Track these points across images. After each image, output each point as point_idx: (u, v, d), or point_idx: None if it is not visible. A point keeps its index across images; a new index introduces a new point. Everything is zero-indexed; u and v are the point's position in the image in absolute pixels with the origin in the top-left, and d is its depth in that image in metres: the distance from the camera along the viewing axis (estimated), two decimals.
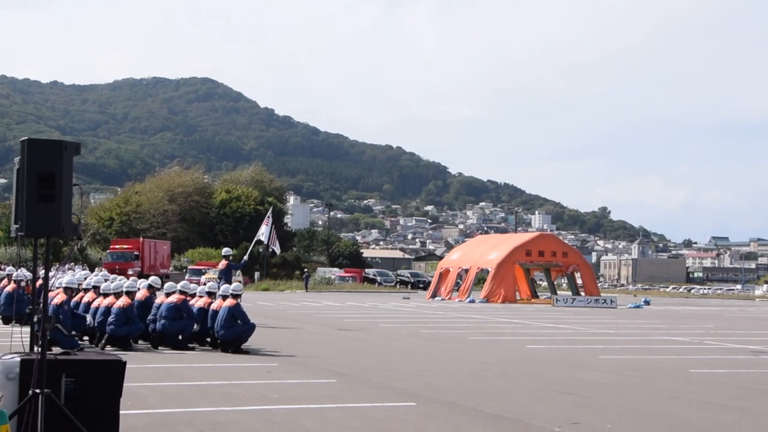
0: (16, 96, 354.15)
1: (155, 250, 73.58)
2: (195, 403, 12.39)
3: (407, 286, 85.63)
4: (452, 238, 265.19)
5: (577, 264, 61.06)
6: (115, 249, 70.01)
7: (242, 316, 19.63)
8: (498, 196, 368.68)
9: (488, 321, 34.96)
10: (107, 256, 69.55)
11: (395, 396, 13.73)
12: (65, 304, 18.82)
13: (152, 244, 73.42)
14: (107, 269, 52.93)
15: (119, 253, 68.47)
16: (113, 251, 69.43)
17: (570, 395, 14.30)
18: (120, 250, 68.98)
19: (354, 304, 47.68)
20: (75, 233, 8.73)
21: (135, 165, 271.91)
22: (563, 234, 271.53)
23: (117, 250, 69.51)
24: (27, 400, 8.38)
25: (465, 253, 64.61)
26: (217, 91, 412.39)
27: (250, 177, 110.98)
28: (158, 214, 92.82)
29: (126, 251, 68.62)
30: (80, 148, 8.86)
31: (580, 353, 21.86)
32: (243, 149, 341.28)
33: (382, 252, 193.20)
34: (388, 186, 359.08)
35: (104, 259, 69.31)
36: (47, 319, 8.66)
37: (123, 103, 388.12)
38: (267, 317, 31.56)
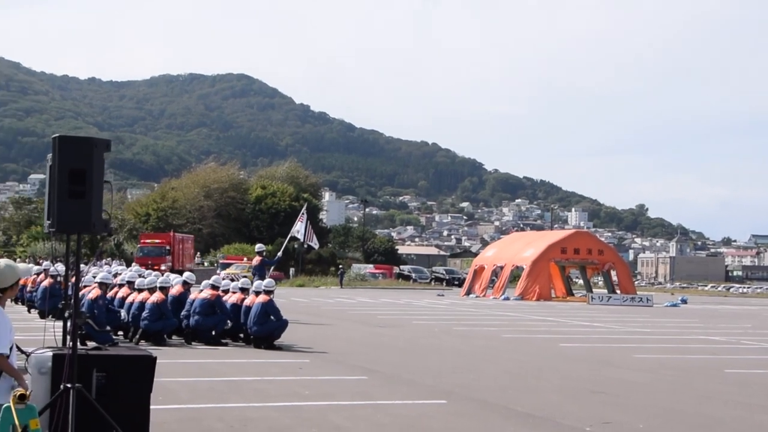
0: (55, 92, 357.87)
1: (183, 244, 72.95)
2: (226, 399, 12.45)
3: (442, 283, 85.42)
4: (488, 235, 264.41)
5: (612, 262, 60.63)
6: (146, 243, 68.37)
7: (275, 312, 19.69)
8: (534, 193, 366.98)
9: (522, 319, 34.81)
10: (138, 251, 67.87)
11: (426, 393, 13.71)
12: (100, 299, 18.96)
13: (181, 239, 72.44)
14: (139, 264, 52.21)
15: (151, 247, 67.07)
16: (144, 246, 67.92)
17: (602, 394, 14.20)
18: (152, 245, 67.47)
19: (388, 300, 47.69)
20: (105, 229, 8.78)
21: (171, 161, 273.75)
22: (600, 231, 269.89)
23: (148, 244, 67.92)
24: (58, 395, 8.43)
25: (500, 250, 64.37)
26: (253, 87, 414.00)
27: (286, 173, 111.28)
28: (194, 209, 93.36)
29: (158, 246, 67.16)
30: (110, 145, 8.90)
31: (614, 352, 21.70)
32: (279, 145, 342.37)
33: (418, 249, 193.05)
34: (423, 182, 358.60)
35: (135, 254, 67.47)
36: (78, 314, 8.70)
37: (160, 99, 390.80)
38: (301, 313, 31.62)
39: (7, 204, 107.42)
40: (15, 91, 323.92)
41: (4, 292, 7.31)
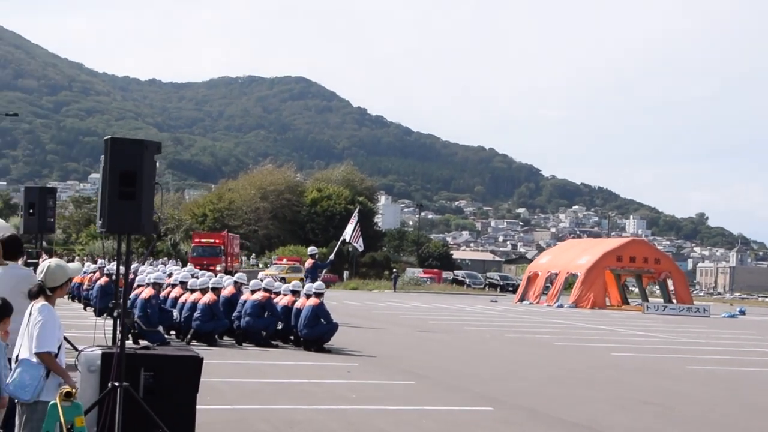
0: (116, 93, 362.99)
1: (233, 244, 71.87)
2: (273, 401, 12.52)
3: (496, 289, 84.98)
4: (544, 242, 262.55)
5: (669, 271, 59.86)
6: (200, 243, 66.07)
7: (325, 315, 19.75)
8: (591, 200, 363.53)
9: (575, 327, 34.51)
10: (192, 250, 65.75)
11: (473, 400, 13.66)
12: (153, 298, 19.18)
13: (231, 239, 71.11)
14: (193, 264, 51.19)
15: (205, 247, 64.99)
16: (198, 245, 65.68)
17: (653, 405, 14.03)
18: (206, 245, 65.41)
19: (441, 305, 47.58)
20: (154, 231, 8.91)
21: (229, 162, 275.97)
22: (658, 240, 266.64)
23: (203, 244, 65.72)
24: (106, 393, 8.55)
25: (554, 257, 63.91)
26: (311, 90, 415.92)
27: (342, 176, 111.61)
28: (250, 211, 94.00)
29: (213, 246, 65.16)
30: (161, 147, 9.02)
31: (668, 362, 21.44)
32: (335, 148, 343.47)
33: (473, 254, 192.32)
34: (479, 187, 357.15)
35: (189, 254, 65.75)
36: (126, 313, 8.82)
37: (219, 101, 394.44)
38: (352, 317, 31.68)
39: (68, 203, 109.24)
40: (77, 91, 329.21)
41: (54, 291, 7.44)
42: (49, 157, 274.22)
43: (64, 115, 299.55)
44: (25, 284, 8.18)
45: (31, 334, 7.02)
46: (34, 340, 6.98)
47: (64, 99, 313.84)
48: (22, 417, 6.99)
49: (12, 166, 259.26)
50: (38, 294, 7.37)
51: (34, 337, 6.99)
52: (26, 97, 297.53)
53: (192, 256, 63.47)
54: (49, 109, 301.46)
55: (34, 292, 7.40)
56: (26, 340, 7.08)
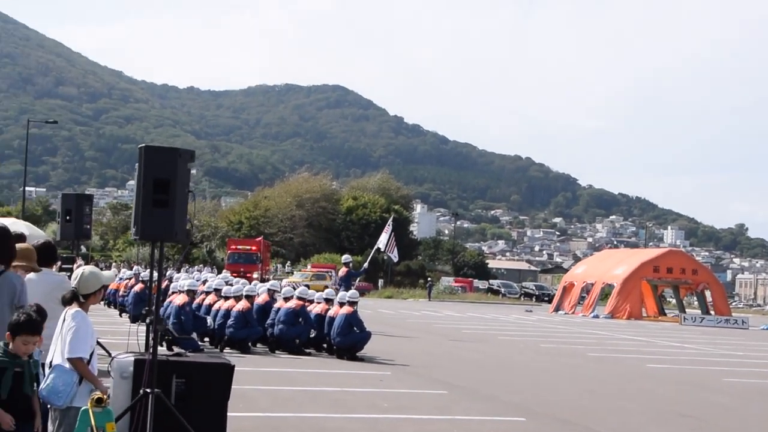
0: (155, 101, 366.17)
1: (268, 251, 71.32)
2: (304, 408, 12.53)
3: (531, 299, 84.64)
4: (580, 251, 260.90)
5: (707, 282, 59.24)
6: (237, 250, 64.66)
7: (358, 323, 19.76)
8: (629, 210, 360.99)
9: (611, 337, 34.25)
10: (229, 257, 64.33)
11: (505, 410, 13.60)
12: (187, 305, 19.30)
13: (265, 245, 70.35)
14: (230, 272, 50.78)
15: (242, 254, 63.54)
16: (235, 252, 64.32)
17: (688, 417, 13.89)
18: (242, 251, 63.96)
19: (475, 315, 47.43)
20: (187, 239, 8.94)
21: (265, 170, 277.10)
22: (697, 250, 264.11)
23: (239, 251, 64.25)
24: (138, 399, 8.61)
25: (590, 267, 63.50)
26: (348, 98, 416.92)
27: (377, 184, 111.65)
28: (286, 218, 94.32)
29: (249, 252, 63.70)
30: (195, 156, 9.07)
31: (704, 374, 21.21)
32: (372, 156, 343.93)
33: (508, 263, 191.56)
34: (515, 197, 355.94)
35: (226, 261, 64.48)
36: (158, 320, 8.88)
37: (256, 109, 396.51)
38: (386, 325, 31.68)
39: (106, 209, 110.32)
40: (117, 99, 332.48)
41: (87, 298, 7.51)
42: (88, 164, 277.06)
43: (103, 122, 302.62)
44: (59, 291, 8.26)
45: (64, 339, 7.09)
46: (67, 346, 7.04)
47: (104, 106, 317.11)
48: (55, 422, 7.06)
49: (52, 173, 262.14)
50: (71, 300, 7.44)
51: (67, 342, 7.05)
52: (66, 105, 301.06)
53: (228, 263, 62.43)
54: (88, 117, 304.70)
55: (68, 298, 7.47)
56: (59, 346, 7.15)
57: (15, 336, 6.48)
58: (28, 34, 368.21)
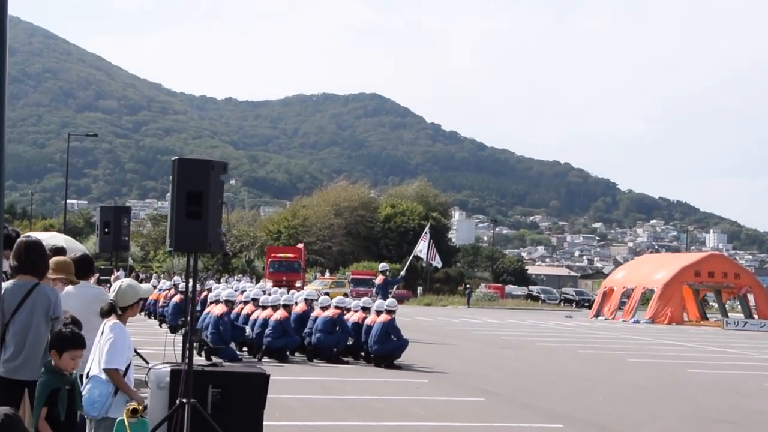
0: (194, 112, 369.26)
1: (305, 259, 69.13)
2: (342, 417, 12.58)
3: (571, 305, 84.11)
4: (621, 256, 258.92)
5: (750, 286, 58.59)
6: (278, 258, 61.57)
7: (396, 331, 19.80)
8: (670, 214, 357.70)
9: (651, 343, 33.98)
10: (270, 266, 61.13)
11: (543, 417, 13.56)
12: (225, 315, 19.44)
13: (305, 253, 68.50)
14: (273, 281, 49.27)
15: (282, 262, 60.76)
16: (276, 260, 61.18)
17: (727, 423, 13.78)
18: (284, 260, 61.10)
19: (514, 321, 47.26)
20: (221, 250, 9.03)
21: (304, 179, 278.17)
22: (740, 254, 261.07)
23: (280, 259, 61.31)
24: (174, 409, 8.70)
25: (630, 272, 63.04)
26: (385, 106, 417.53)
27: (415, 192, 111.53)
28: (324, 227, 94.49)
29: (290, 260, 60.94)
30: (227, 167, 9.17)
31: (746, 380, 21.00)
32: (409, 164, 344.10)
33: (548, 269, 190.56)
34: (555, 202, 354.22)
35: (268, 269, 61.30)
36: (194, 330, 8.97)
37: (293, 118, 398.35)
38: (424, 332, 31.68)
39: (146, 220, 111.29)
40: (156, 111, 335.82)
41: (125, 310, 7.62)
42: (128, 176, 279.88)
43: (143, 134, 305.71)
44: (96, 303, 8.39)
45: (102, 350, 7.20)
46: (103, 357, 7.15)
47: (143, 119, 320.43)
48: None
49: (93, 186, 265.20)
50: (110, 313, 7.57)
51: (104, 353, 7.16)
52: (107, 117, 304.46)
53: (270, 271, 59.97)
54: (128, 129, 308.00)
55: (106, 310, 7.59)
56: (97, 357, 7.26)
57: (62, 352, 6.55)
58: (69, 49, 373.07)
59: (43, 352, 6.82)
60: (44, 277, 7.35)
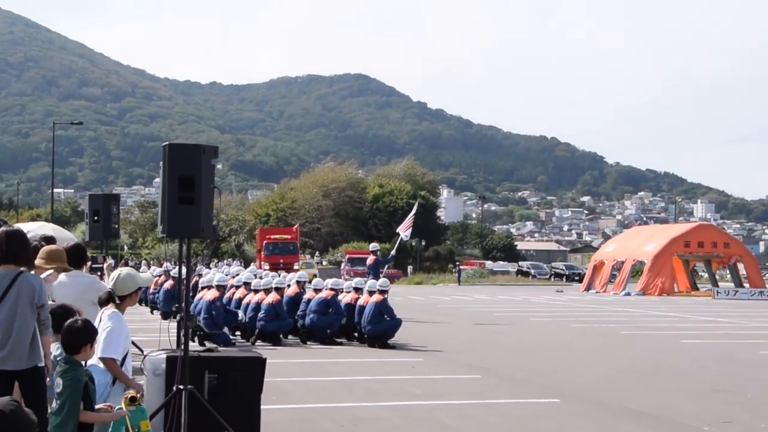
0: (178, 98, 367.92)
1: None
2: (338, 399, 12.56)
3: (561, 279, 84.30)
4: (609, 229, 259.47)
5: (739, 255, 58.80)
6: (273, 239, 57.82)
7: (389, 311, 19.78)
8: (658, 186, 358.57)
9: (643, 314, 34.08)
10: (265, 248, 57.16)
11: (539, 392, 13.57)
12: (218, 300, 19.40)
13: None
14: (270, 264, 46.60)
15: (277, 243, 57.17)
16: (271, 242, 57.40)
17: (724, 392, 13.82)
18: (280, 241, 57.48)
19: (505, 297, 47.33)
20: (213, 234, 8.97)
21: (291, 162, 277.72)
22: (728, 223, 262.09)
23: (276, 240, 57.57)
24: (171, 396, 8.66)
25: (620, 245, 63.19)
26: (370, 86, 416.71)
27: (403, 171, 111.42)
28: (313, 209, 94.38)
29: (287, 242, 57.53)
30: (218, 151, 9.09)
31: (739, 348, 21.07)
32: (396, 143, 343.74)
33: (537, 244, 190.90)
34: (542, 177, 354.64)
35: (262, 252, 57.32)
36: (189, 316, 8.92)
37: (279, 101, 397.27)
38: (417, 312, 31.69)
39: (134, 207, 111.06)
40: (140, 97, 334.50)
41: (123, 299, 7.57)
42: (114, 163, 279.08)
43: (128, 121, 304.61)
44: (89, 292, 8.34)
45: (98, 339, 7.14)
46: (100, 346, 7.10)
47: (128, 105, 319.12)
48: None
49: (79, 174, 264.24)
50: (108, 301, 7.51)
51: (100, 342, 7.10)
52: (91, 105, 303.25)
53: (265, 254, 56.44)
54: (113, 116, 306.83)
55: (104, 299, 7.54)
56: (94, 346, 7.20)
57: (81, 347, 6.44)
58: (51, 37, 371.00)
59: (30, 342, 6.74)
60: (31, 266, 7.27)
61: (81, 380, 6.24)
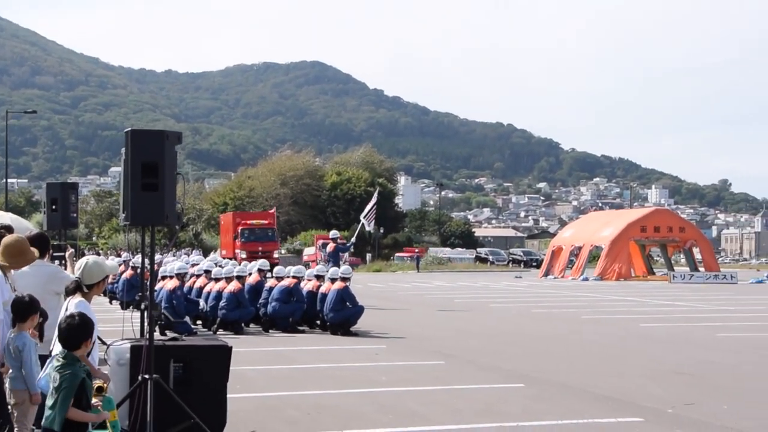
0: (133, 86, 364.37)
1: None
2: (303, 386, 12.50)
3: (520, 265, 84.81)
4: (566, 215, 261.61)
5: (694, 239, 59.51)
6: (249, 225, 52.21)
7: (351, 298, 19.74)
8: (613, 171, 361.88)
9: (602, 299, 34.39)
10: (241, 234, 51.32)
11: (503, 377, 13.61)
12: (178, 289, 19.24)
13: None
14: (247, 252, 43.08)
15: (254, 229, 51.93)
16: (247, 227, 51.78)
17: (684, 375, 13.95)
18: (257, 226, 52.30)
19: (465, 284, 47.49)
20: (178, 221, 8.85)
21: (248, 150, 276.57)
22: (681, 208, 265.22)
23: (253, 226, 52.20)
24: (137, 386, 8.56)
25: (578, 231, 63.68)
26: (327, 74, 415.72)
27: (361, 159, 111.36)
28: (270, 197, 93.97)
29: (264, 227, 52.51)
30: (182, 138, 8.98)
31: (697, 331, 21.30)
32: (353, 131, 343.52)
33: (495, 231, 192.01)
34: (499, 164, 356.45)
35: (240, 239, 51.34)
36: (153, 305, 8.81)
37: (235, 89, 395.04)
38: (378, 299, 31.70)
39: (89, 197, 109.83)
40: (94, 86, 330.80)
41: (90, 288, 7.46)
42: (68, 152, 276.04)
43: (82, 110, 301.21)
44: (52, 282, 8.18)
45: None
46: None
47: (82, 94, 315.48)
48: None
49: (33, 164, 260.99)
50: (75, 291, 7.39)
51: None
52: (44, 94, 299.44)
53: (241, 242, 51.00)
54: (66, 105, 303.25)
55: (71, 288, 7.42)
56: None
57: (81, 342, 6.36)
58: (1, 25, 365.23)
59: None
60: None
61: (79, 376, 6.17)
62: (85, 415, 6.24)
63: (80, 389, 6.19)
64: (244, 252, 42.49)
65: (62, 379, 6.12)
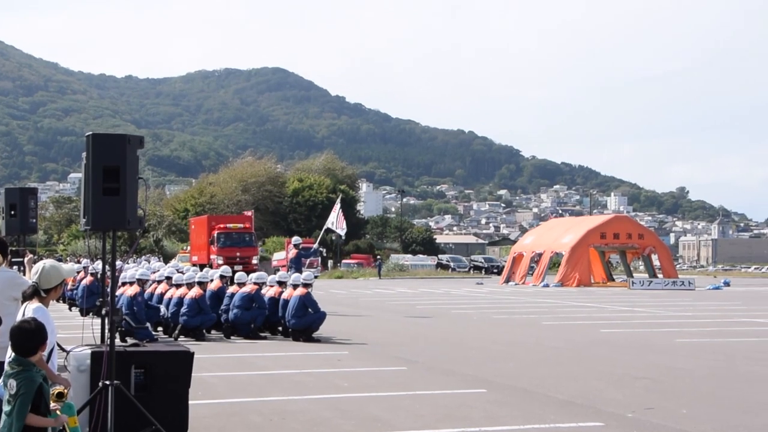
0: (93, 91, 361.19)
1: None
2: (265, 392, 12.46)
3: (481, 272, 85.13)
4: (526, 222, 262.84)
5: (653, 246, 60.06)
6: (226, 229, 46.39)
7: (313, 304, 19.70)
8: (572, 179, 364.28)
9: (562, 305, 34.57)
10: (217, 239, 45.41)
11: (465, 383, 13.65)
12: (139, 295, 19.09)
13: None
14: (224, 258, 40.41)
15: (232, 234, 46.33)
16: (223, 231, 45.89)
17: (644, 380, 14.06)
18: (234, 230, 46.71)
19: (427, 290, 47.58)
20: (140, 226, 8.79)
21: (209, 156, 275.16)
22: (640, 215, 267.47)
23: (230, 230, 46.59)
24: (97, 392, 8.49)
25: (538, 237, 64.04)
26: (288, 80, 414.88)
27: (322, 165, 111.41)
28: (232, 204, 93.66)
29: (242, 231, 46.86)
30: (144, 142, 8.92)
31: (656, 337, 21.49)
32: (315, 138, 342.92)
33: (456, 237, 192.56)
34: (460, 171, 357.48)
35: (216, 245, 45.51)
36: (114, 311, 8.74)
37: (196, 95, 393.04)
38: (339, 305, 31.67)
39: (48, 203, 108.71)
40: (53, 91, 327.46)
41: (48, 292, 7.37)
42: (27, 158, 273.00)
43: (41, 115, 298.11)
44: (11, 287, 8.07)
45: None
46: None
47: (41, 99, 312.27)
48: None
49: None
50: (32, 295, 7.30)
51: None
52: (2, 99, 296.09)
53: (218, 247, 45.67)
54: (25, 110, 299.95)
55: (29, 293, 7.32)
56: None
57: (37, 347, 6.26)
58: None
59: None
60: None
61: (36, 381, 6.09)
62: (43, 420, 6.17)
63: (38, 394, 6.11)
64: (220, 258, 40.31)
65: (19, 386, 6.05)
